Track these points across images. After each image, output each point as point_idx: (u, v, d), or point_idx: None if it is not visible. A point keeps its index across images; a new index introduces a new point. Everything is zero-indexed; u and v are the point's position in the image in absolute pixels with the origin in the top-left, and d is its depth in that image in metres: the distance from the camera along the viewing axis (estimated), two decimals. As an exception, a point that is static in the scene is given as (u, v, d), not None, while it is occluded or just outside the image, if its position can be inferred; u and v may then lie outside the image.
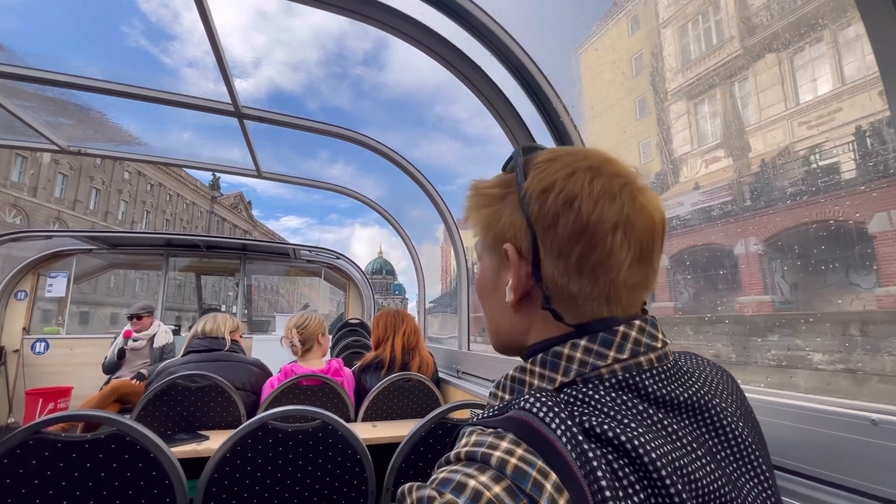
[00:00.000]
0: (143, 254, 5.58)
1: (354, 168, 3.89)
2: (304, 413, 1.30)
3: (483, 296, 0.59)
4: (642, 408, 0.43)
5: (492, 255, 0.55)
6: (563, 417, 0.40)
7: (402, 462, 1.34)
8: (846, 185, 4.79)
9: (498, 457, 0.36)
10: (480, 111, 1.97)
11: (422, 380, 2.29)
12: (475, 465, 0.36)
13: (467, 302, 2.67)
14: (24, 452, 1.05)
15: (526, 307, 0.51)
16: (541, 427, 0.39)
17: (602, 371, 0.45)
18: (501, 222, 0.51)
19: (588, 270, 0.46)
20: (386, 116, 2.62)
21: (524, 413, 0.41)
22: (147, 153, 3.17)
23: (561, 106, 1.59)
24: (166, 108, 2.32)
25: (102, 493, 1.10)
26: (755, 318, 5.45)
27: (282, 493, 1.27)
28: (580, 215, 0.46)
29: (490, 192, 0.54)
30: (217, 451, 1.22)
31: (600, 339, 0.46)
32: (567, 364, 0.46)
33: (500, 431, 0.39)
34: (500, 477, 0.35)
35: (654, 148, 2.79)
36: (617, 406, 0.42)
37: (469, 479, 0.35)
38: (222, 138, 3.10)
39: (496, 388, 0.53)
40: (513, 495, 0.34)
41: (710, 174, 4.40)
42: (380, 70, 6.34)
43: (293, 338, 2.22)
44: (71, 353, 4.90)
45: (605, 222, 0.46)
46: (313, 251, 5.71)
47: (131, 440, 1.12)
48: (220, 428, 2.02)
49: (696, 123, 4.51)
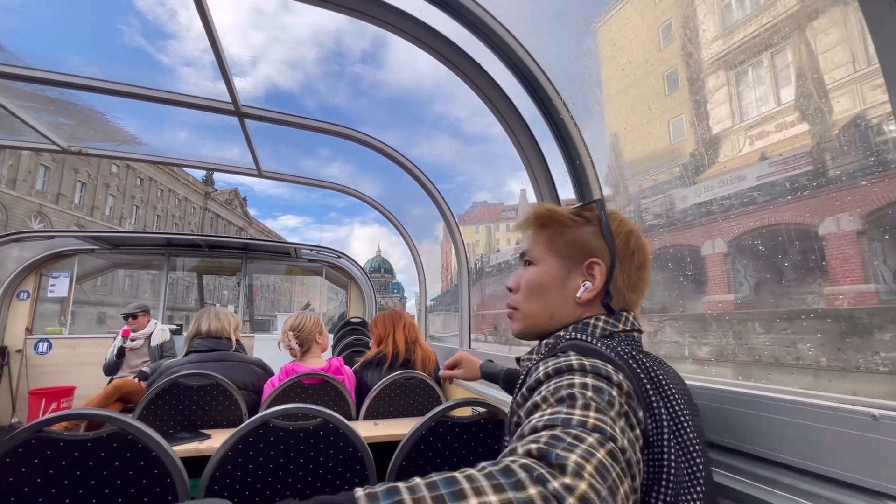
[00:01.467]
0: (144, 253, 5.59)
1: (353, 167, 3.89)
2: (305, 411, 1.30)
3: (541, 289, 0.79)
4: (632, 352, 0.67)
5: (564, 261, 0.78)
6: (602, 343, 0.66)
7: (404, 460, 1.34)
8: None
9: (577, 362, 0.56)
10: (480, 109, 1.97)
11: (423, 378, 2.30)
12: (566, 373, 0.54)
13: (468, 300, 2.67)
14: (27, 451, 1.05)
15: (587, 301, 0.75)
16: (590, 345, 0.63)
17: (612, 333, 0.73)
18: (590, 244, 0.77)
19: (634, 289, 0.77)
20: (384, 115, 2.62)
21: (573, 340, 0.66)
22: (147, 153, 3.18)
23: (561, 103, 1.59)
24: (165, 107, 2.32)
25: (104, 491, 1.11)
26: (854, 312, 4.36)
27: (283, 491, 1.28)
28: (644, 258, 0.78)
29: (572, 218, 0.80)
30: (218, 449, 1.22)
31: (615, 317, 0.74)
32: (593, 329, 0.73)
33: (567, 353, 0.59)
34: (585, 373, 0.54)
35: (686, 125, 2.47)
36: (622, 350, 0.66)
37: (572, 378, 0.53)
38: (221, 137, 3.09)
39: (530, 354, 0.80)
40: (598, 378, 0.54)
41: (781, 142, 3.31)
42: (378, 68, 6.41)
43: (290, 340, 2.22)
44: (73, 353, 4.91)
45: (647, 263, 0.79)
46: (314, 250, 5.71)
47: (133, 439, 1.13)
48: (222, 427, 2.02)
49: (739, 95, 3.71)
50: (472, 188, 24.96)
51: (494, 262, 16.36)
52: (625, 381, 0.56)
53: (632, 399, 0.55)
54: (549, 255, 0.80)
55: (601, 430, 0.44)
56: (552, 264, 0.79)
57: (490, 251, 14.80)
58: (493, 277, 15.48)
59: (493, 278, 15.46)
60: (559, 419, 0.46)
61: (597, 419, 0.46)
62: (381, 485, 0.38)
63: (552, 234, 0.80)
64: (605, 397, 0.51)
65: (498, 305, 13.64)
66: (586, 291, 0.74)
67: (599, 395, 0.51)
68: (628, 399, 0.54)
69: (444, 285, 31.34)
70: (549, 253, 0.80)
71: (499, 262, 16.74)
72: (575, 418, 0.46)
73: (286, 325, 2.28)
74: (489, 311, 12.94)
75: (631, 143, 2.12)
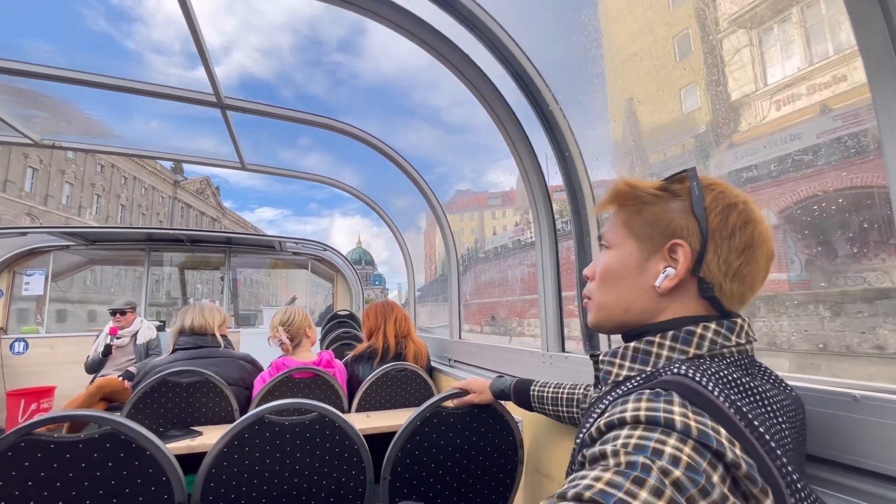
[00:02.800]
0: (123, 249, 5.45)
1: (332, 158, 3.81)
2: (300, 406, 1.30)
3: (617, 277, 0.68)
4: (746, 381, 0.55)
5: (641, 244, 0.66)
6: (714, 382, 0.51)
7: (399, 451, 1.36)
8: None
9: (680, 421, 0.44)
10: (461, 99, 1.94)
11: (414, 369, 2.31)
12: (659, 429, 0.44)
13: (458, 290, 2.68)
14: (15, 455, 1.03)
15: (671, 292, 0.63)
16: (701, 390, 0.49)
17: (724, 351, 0.59)
18: (674, 222, 0.63)
19: (740, 278, 0.61)
20: (363, 104, 2.56)
21: (681, 378, 0.51)
22: (118, 145, 3.07)
23: (550, 95, 1.59)
24: (133, 96, 2.24)
25: (99, 492, 1.09)
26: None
27: (280, 485, 1.28)
28: (753, 237, 0.61)
29: (655, 193, 0.66)
30: (214, 446, 1.22)
31: (726, 326, 0.60)
32: (700, 341, 0.59)
33: (670, 395, 0.48)
34: (685, 439, 0.43)
35: (702, 93, 2.07)
36: (734, 381, 0.54)
37: (662, 445, 0.42)
38: (195, 127, 3.00)
39: (613, 357, 0.66)
40: (699, 453, 0.42)
41: (847, 93, 2.47)
42: (356, 57, 6.30)
43: (281, 335, 2.21)
44: (52, 353, 4.79)
45: (762, 249, 0.61)
46: (300, 243, 5.65)
47: (126, 438, 1.11)
48: (213, 423, 2.01)
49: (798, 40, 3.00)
50: (454, 179, 25.37)
51: (490, 247, 14.42)
52: (742, 459, 0.42)
53: (753, 483, 0.42)
54: (626, 237, 0.68)
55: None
56: (629, 248, 0.68)
57: (483, 237, 14.14)
58: (489, 263, 13.19)
59: (489, 264, 13.13)
60: (611, 499, 0.38)
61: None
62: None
63: (631, 212, 0.68)
64: (697, 483, 0.39)
65: (494, 293, 12.27)
66: (667, 279, 0.62)
67: (690, 479, 0.39)
68: (746, 484, 0.42)
69: (427, 275, 31.06)
70: (627, 235, 0.68)
71: (495, 247, 14.86)
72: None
73: (275, 320, 2.26)
74: (485, 299, 11.55)
75: (653, 108, 1.97)
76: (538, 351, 1.64)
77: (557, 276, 1.62)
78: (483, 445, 1.45)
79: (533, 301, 1.77)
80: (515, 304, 11.55)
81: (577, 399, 1.16)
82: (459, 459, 1.42)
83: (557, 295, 1.61)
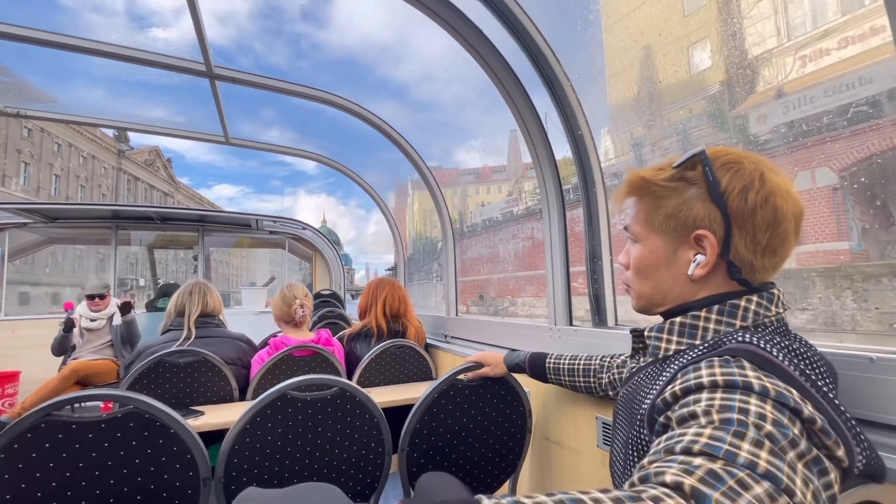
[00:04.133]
0: (87, 226, 5.15)
1: (293, 133, 3.65)
2: (321, 381, 1.31)
3: (650, 269, 0.71)
4: (795, 346, 0.59)
5: (666, 237, 0.69)
6: (777, 349, 0.55)
7: (417, 423, 1.39)
8: None
9: (757, 383, 0.48)
10: (429, 76, 1.90)
11: (412, 345, 2.34)
12: (739, 391, 0.47)
13: (454, 265, 2.67)
14: (36, 436, 1.00)
15: (705, 276, 0.66)
16: (767, 355, 0.53)
17: (766, 321, 0.63)
18: (695, 212, 0.65)
19: (770, 251, 0.63)
20: (328, 78, 2.44)
21: (747, 345, 0.55)
22: (60, 111, 2.85)
23: (552, 55, 1.54)
24: (73, 60, 2.06)
25: (123, 471, 1.08)
26: None
27: (302, 459, 1.29)
28: (776, 210, 0.62)
29: (669, 185, 0.67)
30: (237, 422, 1.21)
31: (766, 298, 0.63)
32: (744, 313, 0.63)
33: (739, 361, 0.52)
34: (765, 398, 0.46)
35: (717, 48, 1.71)
36: (786, 347, 0.58)
37: (746, 404, 0.45)
38: (145, 94, 2.80)
39: (659, 332, 0.69)
40: (780, 411, 0.45)
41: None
42: (319, 28, 5.86)
43: (306, 306, 2.19)
44: (13, 336, 4.53)
45: (787, 215, 0.62)
46: (278, 222, 5.50)
47: (150, 417, 1.09)
48: (212, 403, 1.98)
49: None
50: (421, 156, 24.64)
51: (479, 219, 12.86)
52: (817, 415, 0.46)
53: (827, 436, 0.46)
54: (650, 231, 0.70)
55: (774, 479, 0.38)
56: (655, 242, 0.70)
57: (465, 210, 13.08)
58: (476, 237, 11.90)
59: (476, 238, 11.89)
60: (720, 450, 0.40)
61: (770, 463, 0.39)
62: (505, 497, 0.38)
63: (649, 205, 0.70)
64: (787, 435, 0.42)
65: (482, 270, 11.30)
66: (699, 267, 0.65)
67: (780, 432, 0.42)
68: (821, 437, 0.46)
69: (396, 256, 30.61)
70: (650, 229, 0.70)
71: (484, 219, 12.69)
72: (742, 456, 0.40)
73: (296, 291, 2.23)
74: (471, 277, 10.76)
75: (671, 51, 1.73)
76: (545, 325, 1.70)
77: (565, 248, 1.63)
78: (495, 416, 1.50)
79: (528, 278, 1.77)
80: (507, 282, 10.47)
81: (593, 370, 1.22)
82: (473, 430, 1.48)
83: (565, 267, 1.63)
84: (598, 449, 1.34)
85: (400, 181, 5.97)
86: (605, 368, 1.18)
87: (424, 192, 3.00)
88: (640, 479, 0.42)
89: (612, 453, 0.79)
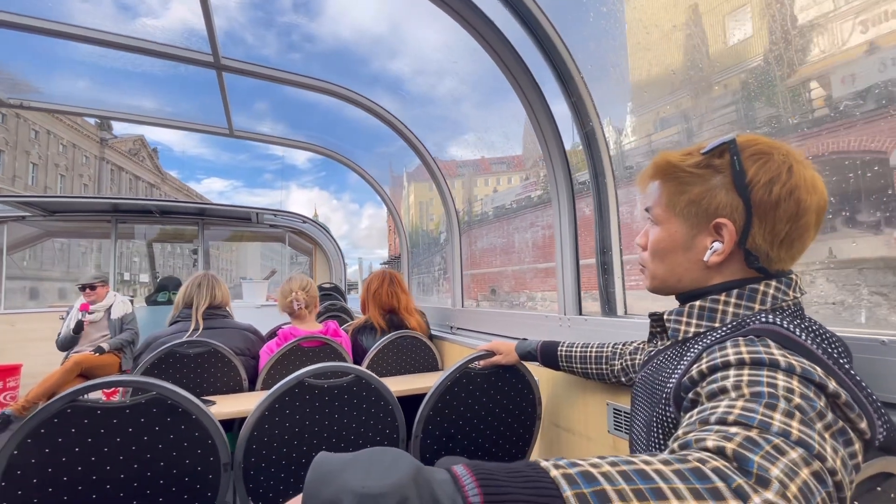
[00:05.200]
0: (86, 220, 5.12)
1: (284, 127, 3.62)
2: (337, 369, 1.33)
3: (667, 252, 0.73)
4: (815, 327, 0.61)
5: (686, 222, 0.70)
6: (800, 329, 0.57)
7: (430, 410, 1.42)
8: None
9: (783, 360, 0.50)
10: (422, 69, 1.87)
11: (418, 336, 2.36)
12: (766, 368, 0.50)
13: (460, 257, 2.69)
14: (62, 421, 1.01)
15: (720, 263, 0.68)
16: (791, 335, 0.55)
17: (783, 305, 0.65)
18: (717, 200, 0.66)
19: (787, 243, 0.64)
20: (319, 70, 2.41)
21: (770, 325, 0.58)
22: (102, 108, 2.85)
23: (562, 44, 1.54)
24: (54, 48, 2.01)
25: (146, 456, 1.10)
26: None
27: (319, 445, 1.32)
28: (798, 203, 0.62)
29: (695, 172, 0.68)
30: (255, 409, 1.23)
31: (785, 283, 0.65)
32: (763, 297, 0.65)
33: (764, 340, 0.54)
34: (791, 374, 0.48)
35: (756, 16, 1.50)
36: (806, 328, 0.60)
37: (773, 379, 0.48)
38: (130, 85, 2.76)
39: (679, 316, 0.72)
40: (806, 385, 0.47)
41: None
42: (311, 20, 5.72)
43: (300, 299, 2.19)
44: (13, 329, 4.52)
45: (810, 209, 0.63)
46: (278, 215, 5.50)
47: (173, 403, 1.11)
48: (222, 393, 2.00)
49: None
50: (412, 153, 24.19)
51: (491, 207, 11.78)
52: (841, 390, 0.48)
53: (850, 409, 0.48)
54: (671, 215, 0.72)
55: (806, 446, 0.40)
56: (675, 226, 0.71)
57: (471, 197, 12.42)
58: (487, 226, 10.83)
59: (486, 228, 10.81)
60: (755, 420, 0.42)
61: (801, 431, 0.41)
62: (569, 464, 0.37)
63: (673, 190, 0.71)
64: (814, 407, 0.45)
65: (494, 262, 10.14)
66: (714, 254, 0.66)
67: (808, 404, 0.45)
68: (844, 411, 0.48)
69: (392, 248, 29.80)
70: (671, 213, 0.71)
71: (496, 207, 11.61)
72: (775, 424, 0.42)
73: (292, 284, 2.24)
74: (481, 269, 9.79)
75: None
76: (554, 315, 1.72)
77: (575, 239, 1.64)
78: (506, 403, 1.53)
79: (548, 270, 1.75)
80: (524, 275, 9.50)
81: (605, 357, 1.25)
82: (484, 417, 1.50)
83: (575, 257, 1.64)
84: (609, 434, 1.37)
85: (394, 174, 5.92)
86: (618, 355, 1.21)
87: (421, 183, 2.99)
88: (680, 446, 0.44)
89: (633, 435, 0.81)
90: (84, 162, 33.85)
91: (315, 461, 0.35)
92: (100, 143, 29.99)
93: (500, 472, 0.36)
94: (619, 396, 1.32)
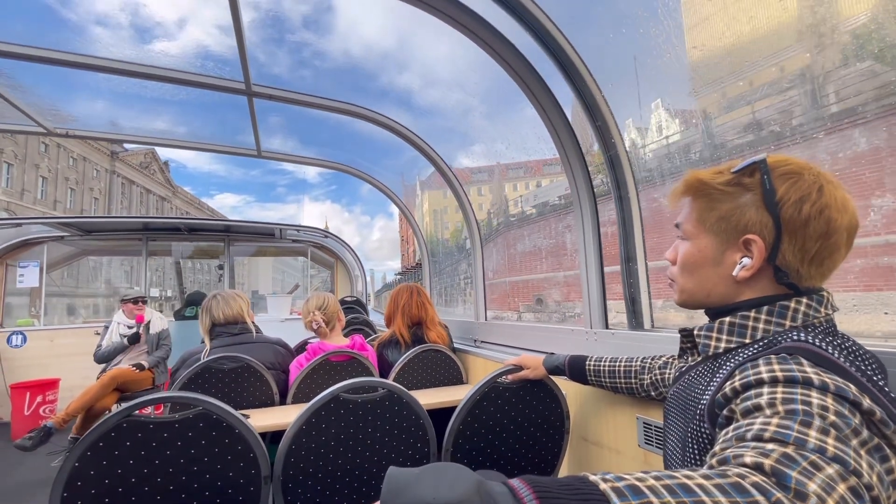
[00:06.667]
0: (118, 239, 5.35)
1: (294, 142, 3.72)
2: (370, 384, 1.37)
3: (696, 267, 0.75)
4: (848, 344, 0.62)
5: (716, 237, 0.72)
6: (832, 347, 0.57)
7: (460, 424, 1.44)
8: None
9: (816, 378, 0.50)
10: (432, 81, 1.88)
11: (443, 350, 2.39)
12: (799, 386, 0.50)
13: (482, 269, 2.70)
14: (118, 435, 1.08)
15: (748, 278, 0.69)
16: (824, 353, 0.56)
17: (815, 322, 0.65)
18: (747, 217, 0.68)
19: (818, 260, 0.65)
20: (330, 86, 2.46)
21: (803, 343, 0.59)
22: (130, 133, 3.00)
23: (572, 51, 1.56)
24: (74, 74, 2.13)
25: (193, 468, 1.15)
26: None
27: (353, 458, 1.35)
28: (829, 222, 0.63)
29: (725, 190, 0.70)
30: (293, 423, 1.28)
31: (816, 300, 0.66)
32: (794, 314, 0.66)
33: (797, 358, 0.55)
34: (825, 392, 0.49)
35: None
36: (839, 345, 0.60)
37: (808, 397, 0.48)
38: (146, 107, 2.88)
39: (709, 332, 0.73)
40: (840, 403, 0.48)
41: None
42: (321, 37, 5.78)
43: (318, 319, 2.26)
44: (52, 345, 4.72)
45: (840, 228, 0.64)
46: (301, 231, 5.64)
47: (217, 418, 1.17)
48: (255, 407, 2.06)
49: None
50: (423, 162, 24.30)
51: (534, 203, 10.65)
52: (876, 408, 0.48)
53: (886, 426, 0.48)
54: (701, 231, 0.74)
55: (843, 462, 0.41)
56: (704, 241, 0.73)
57: (504, 201, 11.59)
58: (528, 227, 9.70)
59: (528, 228, 9.67)
60: (790, 437, 0.43)
61: (837, 448, 0.42)
62: (616, 478, 0.39)
63: (703, 206, 0.73)
64: (849, 424, 0.45)
65: (538, 268, 8.90)
66: (743, 269, 0.68)
67: (843, 422, 0.45)
68: (880, 427, 0.48)
69: (404, 259, 29.30)
70: (701, 229, 0.74)
71: (538, 203, 10.14)
72: (811, 441, 0.42)
73: (311, 304, 2.31)
74: (521, 276, 8.51)
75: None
76: (581, 329, 1.74)
77: (599, 249, 1.64)
78: (534, 417, 1.55)
79: (611, 275, 1.72)
80: (576, 280, 8.11)
81: (634, 371, 1.26)
82: (513, 431, 1.52)
83: (600, 269, 1.64)
84: (639, 448, 1.37)
85: (406, 184, 5.97)
86: (647, 370, 1.22)
87: (434, 191, 3.00)
88: (718, 462, 0.46)
89: (667, 449, 0.82)
90: (94, 175, 33.82)
91: (388, 475, 0.39)
92: (110, 157, 30.28)
93: (553, 485, 0.39)
94: (650, 410, 1.33)
